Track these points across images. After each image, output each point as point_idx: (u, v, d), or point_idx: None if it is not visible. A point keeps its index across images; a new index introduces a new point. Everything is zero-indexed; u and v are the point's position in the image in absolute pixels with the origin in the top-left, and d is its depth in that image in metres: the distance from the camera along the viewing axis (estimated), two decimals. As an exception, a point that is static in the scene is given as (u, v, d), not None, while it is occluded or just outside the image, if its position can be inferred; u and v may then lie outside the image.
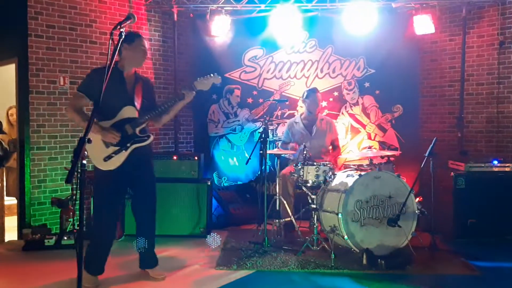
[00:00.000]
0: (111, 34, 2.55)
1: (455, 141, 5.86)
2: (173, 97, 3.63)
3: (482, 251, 4.45)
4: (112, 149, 3.45)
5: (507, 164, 4.87)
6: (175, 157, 5.12)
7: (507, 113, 5.56)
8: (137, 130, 3.50)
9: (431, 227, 4.63)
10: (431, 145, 4.28)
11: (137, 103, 3.53)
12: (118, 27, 2.61)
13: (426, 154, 4.27)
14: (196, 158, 5.13)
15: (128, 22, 2.70)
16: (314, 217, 4.47)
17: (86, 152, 2.30)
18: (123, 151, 3.45)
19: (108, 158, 3.44)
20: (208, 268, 4.08)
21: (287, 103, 5.95)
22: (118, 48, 2.56)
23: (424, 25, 5.64)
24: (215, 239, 4.90)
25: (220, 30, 5.79)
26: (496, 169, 4.88)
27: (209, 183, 5.14)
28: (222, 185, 5.98)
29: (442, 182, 5.03)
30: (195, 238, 4.96)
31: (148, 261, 3.79)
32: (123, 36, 2.59)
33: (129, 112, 3.48)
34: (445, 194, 4.97)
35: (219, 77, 3.56)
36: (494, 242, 4.71)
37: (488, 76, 5.73)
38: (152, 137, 3.60)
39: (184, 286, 3.67)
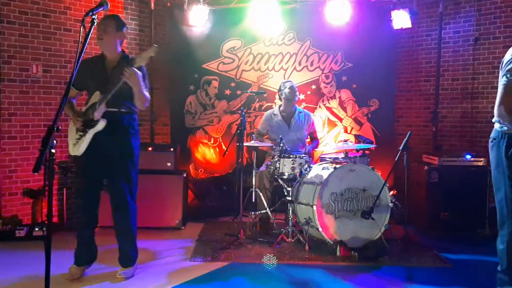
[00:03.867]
0: (83, 21, 2.49)
1: (430, 135, 5.94)
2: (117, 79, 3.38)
3: (453, 244, 4.54)
4: (78, 134, 3.45)
5: (480, 159, 4.95)
6: (150, 149, 5.07)
7: (481, 109, 5.66)
8: (95, 114, 3.38)
9: (405, 220, 4.69)
10: (405, 139, 4.31)
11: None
12: (91, 13, 2.55)
13: (400, 148, 4.31)
14: (172, 149, 5.08)
15: (101, 9, 2.64)
16: (289, 210, 4.48)
17: (55, 141, 2.26)
18: (84, 136, 3.42)
19: (75, 143, 3.46)
20: (182, 260, 4.06)
21: (265, 95, 5.93)
22: (90, 35, 2.50)
23: (401, 19, 5.68)
24: (190, 231, 4.87)
25: (198, 20, 5.72)
26: (469, 164, 4.97)
27: (185, 175, 5.10)
28: (198, 177, 5.94)
29: (416, 175, 5.11)
30: (171, 230, 4.93)
31: (120, 258, 3.67)
32: (96, 23, 2.54)
33: (96, 97, 3.43)
34: (419, 187, 5.05)
35: (155, 46, 3.43)
36: (466, 235, 4.80)
37: (463, 72, 5.81)
38: (102, 122, 3.38)
39: (158, 277, 3.64)
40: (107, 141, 3.45)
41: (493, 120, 2.84)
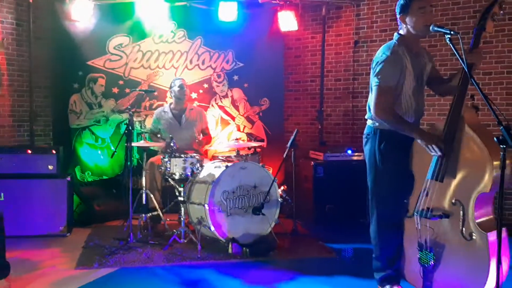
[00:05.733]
0: None
1: (316, 132, 6.24)
2: None
3: (338, 235, 4.80)
4: None
5: (360, 153, 5.28)
6: (29, 151, 4.69)
7: (360, 107, 6.05)
8: None
9: (293, 213, 4.88)
10: (292, 137, 4.50)
11: None
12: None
13: (288, 145, 4.48)
14: (53, 151, 4.76)
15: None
16: (182, 210, 4.43)
17: None
18: None
19: None
20: (67, 268, 3.82)
21: (155, 93, 5.79)
22: None
23: (288, 21, 5.88)
24: (76, 238, 4.60)
25: (82, 15, 5.38)
26: (350, 158, 5.31)
27: (69, 179, 4.80)
28: (85, 180, 5.62)
29: (304, 171, 5.33)
30: (54, 237, 4.62)
31: None
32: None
33: None
34: (306, 182, 5.28)
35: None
36: (349, 225, 5.09)
37: (345, 73, 6.18)
38: None
39: (38, 289, 3.40)
40: None
41: (366, 117, 3.04)
